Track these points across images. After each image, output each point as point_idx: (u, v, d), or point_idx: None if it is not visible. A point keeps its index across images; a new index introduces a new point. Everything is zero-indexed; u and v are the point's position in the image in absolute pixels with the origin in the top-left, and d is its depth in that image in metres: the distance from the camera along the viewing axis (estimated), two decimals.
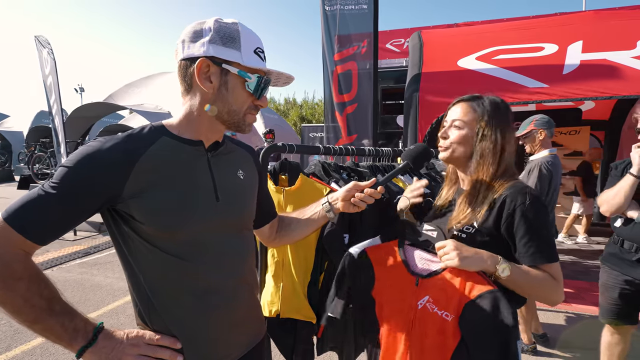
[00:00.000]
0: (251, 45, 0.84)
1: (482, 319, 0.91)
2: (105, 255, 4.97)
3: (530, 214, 1.00)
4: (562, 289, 1.01)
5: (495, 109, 1.13)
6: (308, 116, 19.37)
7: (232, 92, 0.84)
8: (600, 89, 3.06)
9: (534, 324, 2.79)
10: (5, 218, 0.70)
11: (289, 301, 1.37)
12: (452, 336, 0.94)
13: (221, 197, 0.87)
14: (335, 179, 1.56)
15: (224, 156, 0.93)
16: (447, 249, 1.00)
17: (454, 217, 1.12)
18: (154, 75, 10.53)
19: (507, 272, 0.96)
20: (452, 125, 1.16)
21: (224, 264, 0.88)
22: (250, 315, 0.97)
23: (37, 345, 2.74)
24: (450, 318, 0.95)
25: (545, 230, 1.02)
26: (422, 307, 1.00)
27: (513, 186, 1.06)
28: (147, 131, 0.83)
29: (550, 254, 1.00)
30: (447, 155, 1.16)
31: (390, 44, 8.41)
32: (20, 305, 0.71)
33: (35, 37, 6.45)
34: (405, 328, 1.02)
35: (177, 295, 0.83)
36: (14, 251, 0.71)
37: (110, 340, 0.78)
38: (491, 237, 1.06)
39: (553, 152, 2.75)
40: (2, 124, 16.87)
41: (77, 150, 0.76)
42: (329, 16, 4.78)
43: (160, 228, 0.79)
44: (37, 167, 9.54)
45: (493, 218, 1.05)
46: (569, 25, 3.79)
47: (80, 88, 24.71)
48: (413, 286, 1.04)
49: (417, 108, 3.49)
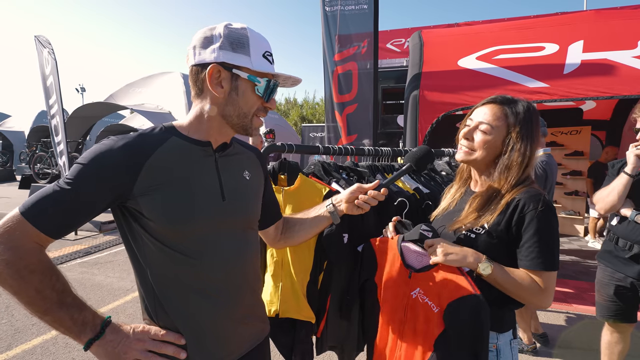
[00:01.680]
0: (260, 50, 0.87)
1: (461, 319, 0.99)
2: (106, 254, 4.98)
3: (540, 220, 1.00)
4: (549, 296, 1.01)
5: (529, 119, 1.08)
6: (309, 116, 19.37)
7: (243, 96, 0.87)
8: (601, 89, 3.06)
9: (533, 324, 2.79)
10: (22, 212, 0.73)
11: (288, 301, 1.37)
12: (437, 326, 1.03)
13: (227, 197, 0.89)
14: (336, 179, 1.56)
15: (231, 157, 0.95)
16: (434, 246, 1.05)
17: (463, 218, 1.11)
18: (154, 75, 10.53)
19: (488, 270, 1.01)
20: (478, 128, 1.11)
21: (229, 263, 0.89)
22: (254, 314, 0.99)
23: (38, 345, 2.75)
24: (437, 310, 1.04)
25: (551, 239, 1.01)
26: (415, 297, 1.09)
27: (527, 191, 1.05)
28: (157, 131, 0.86)
29: (549, 262, 1.00)
30: (467, 158, 1.13)
31: (390, 43, 8.41)
32: (33, 296, 0.73)
33: (35, 37, 6.46)
34: (399, 313, 1.12)
35: (183, 292, 0.85)
36: (29, 244, 0.73)
37: (117, 334, 0.80)
38: (500, 240, 1.05)
39: (547, 151, 2.77)
40: (4, 124, 16.91)
41: (91, 148, 0.79)
42: (329, 16, 4.77)
43: (167, 225, 0.81)
44: (39, 167, 9.56)
45: (505, 221, 1.04)
46: (570, 24, 3.78)
47: (82, 88, 24.76)
48: (406, 278, 1.12)
49: (417, 108, 3.49)
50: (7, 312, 3.23)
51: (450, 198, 1.25)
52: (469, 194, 1.19)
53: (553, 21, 4.30)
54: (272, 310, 1.38)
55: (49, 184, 6.65)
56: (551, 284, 1.01)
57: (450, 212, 1.21)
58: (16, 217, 0.73)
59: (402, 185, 1.71)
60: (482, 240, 1.07)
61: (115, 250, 5.17)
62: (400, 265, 1.14)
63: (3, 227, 0.73)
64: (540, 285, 1.00)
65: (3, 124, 16.87)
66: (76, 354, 2.65)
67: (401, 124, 6.69)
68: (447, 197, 1.27)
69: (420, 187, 1.71)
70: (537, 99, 3.17)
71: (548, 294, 1.01)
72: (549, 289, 1.01)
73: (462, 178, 1.25)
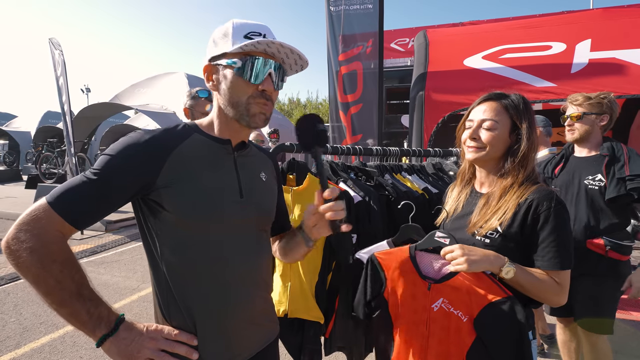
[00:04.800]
0: (242, 32, 0.83)
1: (498, 323, 0.96)
2: (112, 254, 5.01)
3: (555, 219, 1.00)
4: (566, 293, 1.03)
5: (527, 108, 1.10)
6: None
7: (229, 84, 0.85)
8: (609, 88, 3.02)
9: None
10: (50, 201, 0.74)
11: (296, 301, 1.37)
12: (468, 335, 0.99)
13: (245, 195, 0.90)
14: (343, 179, 1.56)
15: (248, 157, 0.96)
16: (455, 254, 1.00)
17: (475, 222, 1.09)
18: (159, 75, 10.58)
19: (511, 274, 0.99)
20: (482, 126, 1.11)
21: (244, 261, 0.89)
22: (265, 314, 0.98)
23: (46, 343, 2.77)
24: (465, 319, 0.99)
25: (566, 237, 1.02)
26: (438, 309, 1.04)
27: (538, 190, 1.04)
28: (180, 128, 0.89)
29: (566, 260, 1.00)
30: (478, 156, 1.11)
31: (395, 43, 8.39)
32: (52, 286, 0.73)
33: (50, 39, 6.63)
34: (419, 328, 1.06)
35: (196, 290, 0.85)
36: (53, 232, 0.74)
37: (130, 331, 0.79)
38: (516, 243, 1.05)
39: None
40: (10, 124, 17.07)
41: (118, 140, 0.81)
42: (334, 17, 4.77)
43: (185, 218, 0.82)
44: (45, 167, 9.63)
45: (519, 223, 1.03)
46: (577, 23, 3.75)
47: (87, 88, 24.94)
48: (425, 290, 1.07)
49: (422, 107, 3.48)
50: (15, 311, 3.26)
51: (454, 201, 1.22)
52: (476, 195, 1.16)
53: (560, 20, 4.27)
54: (281, 310, 1.38)
55: (55, 184, 6.64)
56: (567, 281, 1.02)
57: (458, 216, 1.17)
58: (43, 206, 0.74)
59: (410, 184, 1.71)
60: (498, 244, 1.05)
61: (122, 250, 5.19)
62: (415, 277, 1.08)
63: (29, 215, 0.73)
64: (558, 283, 1.01)
65: (9, 125, 17.03)
66: (84, 352, 2.66)
67: (405, 123, 6.68)
68: (451, 200, 1.24)
69: (429, 187, 1.70)
70: (544, 99, 3.15)
71: (565, 291, 1.02)
72: (566, 287, 1.02)
73: (464, 179, 1.23)
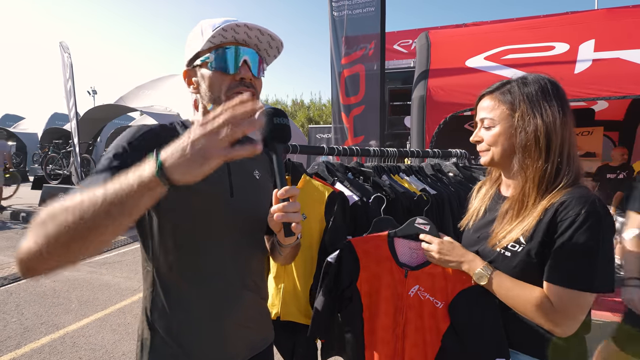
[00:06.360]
0: (211, 29, 0.81)
1: (472, 308, 0.97)
2: (114, 255, 5.04)
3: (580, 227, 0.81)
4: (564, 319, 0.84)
5: (529, 89, 0.93)
6: (315, 117, 19.38)
7: (207, 80, 0.83)
8: (613, 89, 2.98)
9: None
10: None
11: (289, 303, 1.36)
12: (442, 321, 1.01)
13: (236, 194, 0.88)
14: (340, 179, 1.54)
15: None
16: (431, 247, 1.02)
17: (497, 234, 0.96)
18: (163, 77, 10.65)
19: (483, 280, 0.93)
20: (482, 127, 1.03)
21: (234, 262, 0.87)
22: (258, 318, 0.96)
23: (46, 344, 2.78)
24: (441, 305, 1.01)
25: (588, 250, 0.81)
26: (413, 296, 1.04)
27: (572, 192, 0.86)
28: (173, 125, 0.91)
29: (574, 277, 0.83)
30: (487, 159, 1.03)
31: (397, 44, 8.36)
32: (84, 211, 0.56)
33: (60, 43, 6.76)
34: (395, 315, 1.06)
35: (185, 289, 0.83)
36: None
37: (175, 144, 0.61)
38: (540, 257, 0.87)
39: None
40: (18, 126, 17.31)
41: (124, 132, 0.82)
42: (337, 21, 4.78)
43: (173, 219, 0.80)
44: (50, 168, 9.73)
45: (542, 232, 0.86)
46: (581, 23, 3.71)
47: (93, 90, 25.15)
48: (402, 277, 1.07)
49: (424, 108, 3.45)
50: (17, 311, 3.28)
51: (480, 201, 1.12)
52: (499, 198, 1.06)
53: (563, 20, 4.23)
54: (273, 313, 1.37)
55: (60, 184, 6.67)
56: (568, 305, 0.83)
57: (482, 221, 1.07)
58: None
59: (407, 185, 1.69)
60: (520, 259, 0.91)
61: (123, 251, 5.22)
62: (392, 264, 1.08)
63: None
64: (551, 302, 0.84)
65: (17, 126, 17.28)
66: (83, 353, 2.67)
67: (409, 125, 6.64)
68: (477, 200, 1.13)
69: (427, 188, 1.68)
70: None
71: (562, 316, 0.83)
72: (565, 311, 0.83)
73: (492, 178, 1.13)
